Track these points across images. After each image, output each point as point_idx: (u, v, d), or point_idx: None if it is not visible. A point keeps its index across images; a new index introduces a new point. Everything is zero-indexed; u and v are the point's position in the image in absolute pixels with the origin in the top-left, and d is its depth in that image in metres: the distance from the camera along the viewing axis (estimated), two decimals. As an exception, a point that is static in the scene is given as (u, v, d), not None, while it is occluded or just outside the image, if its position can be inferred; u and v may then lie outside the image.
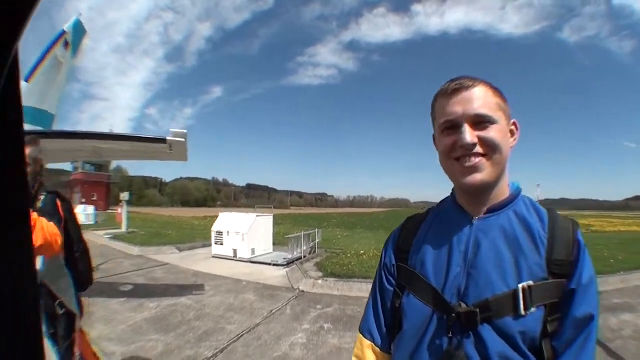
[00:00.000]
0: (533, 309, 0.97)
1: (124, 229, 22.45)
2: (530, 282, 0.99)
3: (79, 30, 8.74)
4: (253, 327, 6.01)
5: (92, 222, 29.48)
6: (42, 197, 2.43)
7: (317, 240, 14.75)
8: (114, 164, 71.03)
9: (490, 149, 1.05)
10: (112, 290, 8.37)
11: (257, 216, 14.12)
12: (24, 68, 7.06)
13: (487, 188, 1.10)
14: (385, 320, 1.30)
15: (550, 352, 1.00)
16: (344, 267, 10.16)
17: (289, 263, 11.88)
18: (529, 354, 0.98)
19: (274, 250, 14.43)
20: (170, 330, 5.83)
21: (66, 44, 8.17)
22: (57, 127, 8.72)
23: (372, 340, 1.30)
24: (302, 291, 8.55)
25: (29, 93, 7.08)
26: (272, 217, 15.63)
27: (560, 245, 1.04)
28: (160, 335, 5.64)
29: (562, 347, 1.00)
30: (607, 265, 10.51)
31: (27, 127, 6.99)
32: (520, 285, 0.98)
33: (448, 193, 1.27)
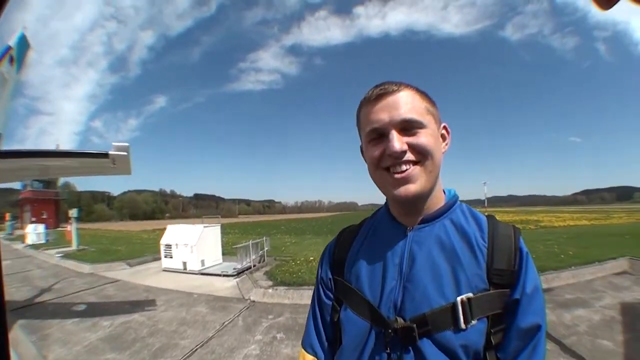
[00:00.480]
0: (474, 322, 0.95)
1: (74, 246, 21.77)
2: (470, 294, 0.96)
3: (23, 44, 8.43)
4: (206, 340, 6.12)
5: (43, 241, 28.26)
6: None
7: (266, 249, 14.81)
8: (62, 180, 67.99)
9: (422, 155, 1.00)
10: (65, 311, 8.23)
11: (205, 227, 14.06)
12: None
13: (421, 198, 1.05)
14: (326, 334, 1.26)
15: None
16: (294, 275, 10.36)
17: (239, 273, 11.95)
18: None
19: (223, 260, 14.42)
20: (125, 349, 5.85)
21: (11, 59, 7.86)
22: (5, 145, 8.48)
23: (315, 354, 1.26)
24: (253, 301, 8.69)
25: None
26: (219, 227, 15.58)
27: (500, 254, 1.01)
28: (115, 354, 5.66)
29: (509, 359, 0.98)
30: (558, 260, 10.72)
31: None
32: (459, 298, 0.96)
33: None
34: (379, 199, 1.27)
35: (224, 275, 11.97)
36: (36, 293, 10.41)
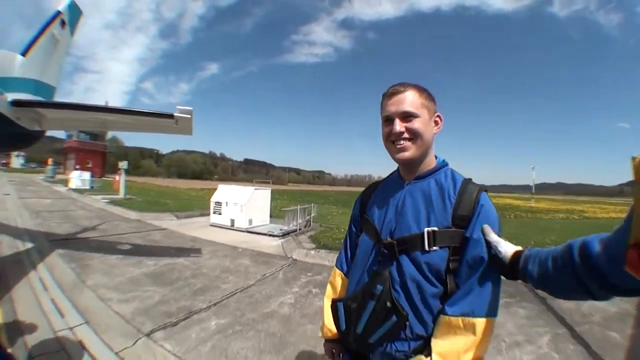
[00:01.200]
0: (436, 247, 1.40)
1: (121, 194, 22.84)
2: (435, 228, 1.42)
3: (75, 10, 9.18)
4: (246, 287, 6.42)
5: (87, 187, 30.09)
6: None
7: (313, 215, 15.16)
8: (110, 134, 71.31)
9: (414, 135, 1.50)
10: (110, 248, 8.80)
11: (255, 189, 14.49)
12: (21, 45, 7.60)
13: (413, 162, 1.56)
14: (351, 255, 1.87)
15: (453, 285, 1.39)
16: (336, 241, 10.54)
17: (285, 234, 12.32)
18: (434, 280, 1.41)
19: (270, 222, 14.80)
20: (167, 284, 6.25)
21: (62, 23, 8.62)
22: (57, 98, 9.26)
23: (342, 269, 1.91)
24: (295, 259, 8.97)
25: (27, 66, 7.49)
26: (269, 190, 15.98)
27: (463, 204, 1.43)
28: (157, 287, 6.06)
29: (460, 282, 1.38)
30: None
31: (30, 97, 7.49)
32: (426, 229, 1.43)
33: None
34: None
35: (270, 235, 12.34)
36: (78, 230, 11.16)
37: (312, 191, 76.02)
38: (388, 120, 1.55)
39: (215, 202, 14.19)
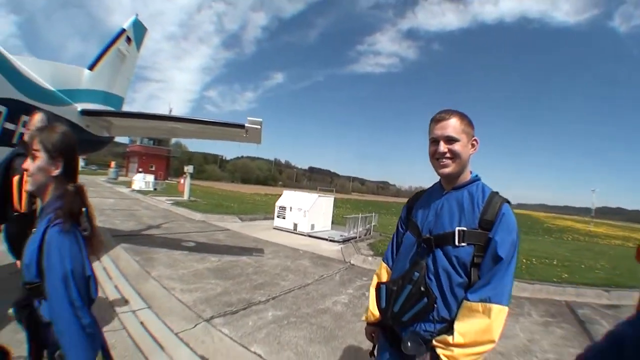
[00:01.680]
0: (464, 244, 1.69)
1: (185, 197, 23.81)
2: (464, 228, 1.71)
3: (140, 27, 10.29)
4: (304, 285, 6.75)
5: (151, 189, 31.74)
6: None
7: (373, 224, 15.32)
8: (174, 140, 74.46)
9: (454, 155, 1.79)
10: (174, 244, 9.43)
11: (319, 196, 14.91)
12: (87, 60, 8.74)
13: (452, 176, 1.84)
14: (396, 251, 2.16)
15: (476, 277, 1.67)
16: (395, 250, 10.56)
17: (344, 240, 12.59)
18: (461, 272, 1.69)
19: (332, 228, 15.14)
20: (229, 279, 6.71)
21: (128, 39, 9.75)
22: (124, 107, 10.66)
23: (387, 263, 2.19)
24: (353, 264, 9.23)
25: (95, 79, 8.49)
26: (332, 198, 16.40)
27: (489, 211, 1.71)
28: (219, 280, 6.54)
29: (481, 275, 1.66)
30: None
31: (98, 107, 8.35)
32: (457, 228, 1.72)
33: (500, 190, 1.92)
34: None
35: (330, 240, 12.67)
36: (142, 227, 11.95)
37: (376, 201, 75.58)
38: (434, 142, 1.84)
39: (280, 207, 14.71)
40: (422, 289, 1.72)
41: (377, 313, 1.99)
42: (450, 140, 1.78)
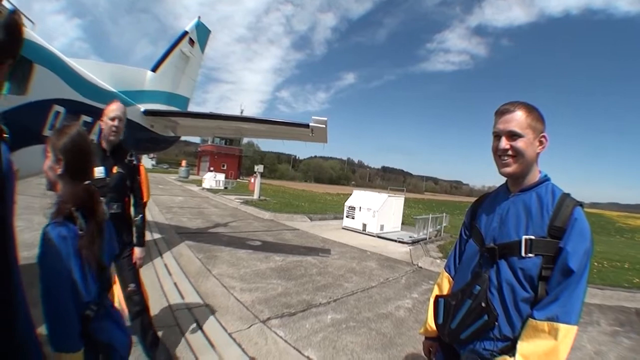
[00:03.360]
0: (531, 255, 1.53)
1: (255, 195, 24.18)
2: (532, 237, 1.54)
3: (203, 29, 10.64)
4: (368, 288, 6.60)
5: (221, 188, 32.56)
6: None
7: (444, 225, 14.85)
8: (245, 139, 76.37)
9: (517, 153, 1.63)
10: (239, 243, 9.60)
11: (389, 196, 14.61)
12: (151, 62, 9.22)
13: (515, 176, 1.70)
14: (459, 259, 2.01)
15: (543, 291, 1.50)
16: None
17: (414, 242, 12.26)
18: (527, 285, 1.53)
19: (402, 229, 14.79)
20: (291, 279, 6.70)
21: (191, 41, 10.08)
22: (190, 108, 11.07)
23: (449, 272, 2.05)
24: (420, 267, 8.93)
25: (158, 80, 8.86)
26: (403, 198, 16.06)
27: (560, 217, 1.53)
28: (281, 281, 6.55)
29: (549, 289, 1.49)
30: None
31: (162, 107, 8.65)
32: (523, 237, 1.56)
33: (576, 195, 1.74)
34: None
35: (399, 242, 12.38)
36: (209, 225, 12.23)
37: (449, 201, 73.29)
38: (497, 137, 1.70)
39: (349, 207, 14.62)
40: (483, 304, 1.59)
41: (434, 327, 1.88)
42: (513, 135, 1.63)
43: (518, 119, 1.62)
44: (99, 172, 3.07)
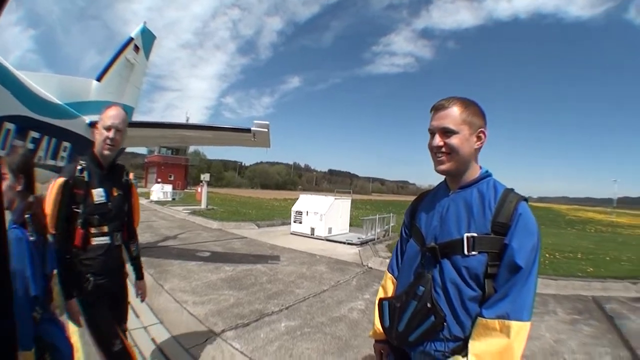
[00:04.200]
0: (475, 252, 1.47)
1: (203, 205, 23.84)
2: (475, 234, 1.49)
3: (148, 35, 10.27)
4: (319, 292, 6.59)
5: (169, 199, 31.79)
6: None
7: (392, 224, 15.15)
8: (191, 148, 75.24)
9: (451, 150, 1.58)
10: (189, 255, 9.37)
11: (336, 198, 14.77)
12: (96, 70, 8.83)
13: (451, 174, 1.67)
14: (401, 259, 1.94)
15: (491, 289, 1.46)
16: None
17: (362, 243, 12.44)
18: (472, 284, 1.48)
19: (350, 231, 14.96)
20: (242, 289, 6.59)
21: (136, 47, 9.70)
22: (136, 117, 10.61)
23: (392, 273, 1.98)
24: (370, 267, 9.03)
25: (103, 90, 8.49)
26: (350, 200, 16.27)
27: (503, 212, 1.49)
28: (233, 291, 6.42)
29: (497, 287, 1.45)
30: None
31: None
32: (465, 235, 1.50)
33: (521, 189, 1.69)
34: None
35: (348, 244, 12.53)
36: (159, 239, 11.89)
37: (396, 201, 74.87)
38: (432, 133, 1.65)
39: (296, 212, 14.61)
40: (429, 305, 1.52)
41: (382, 330, 1.78)
42: (447, 132, 1.58)
43: (452, 115, 1.58)
44: (98, 195, 2.54)
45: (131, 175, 2.92)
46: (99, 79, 8.45)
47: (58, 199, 2.40)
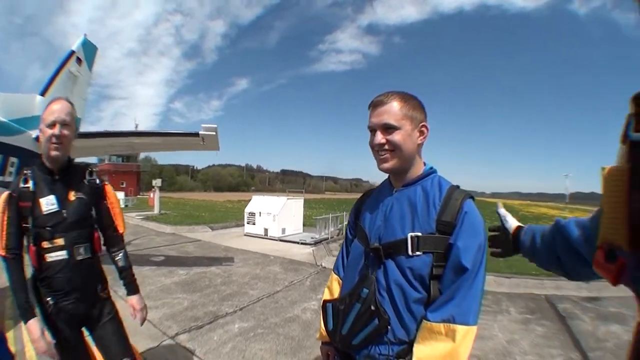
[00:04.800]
0: (419, 253, 1.42)
1: (156, 210, 23.37)
2: (419, 234, 1.44)
3: (90, 47, 10.15)
4: (273, 293, 6.65)
5: (122, 206, 30.73)
6: None
7: (345, 223, 15.29)
8: (142, 154, 73.60)
9: (394, 147, 1.52)
10: (143, 261, 9.17)
11: (288, 199, 14.83)
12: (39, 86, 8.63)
13: (395, 172, 1.61)
14: (347, 259, 1.89)
15: (436, 291, 1.42)
16: (366, 248, 10.58)
17: (316, 242, 12.54)
18: (417, 285, 1.44)
19: (303, 230, 15.01)
20: (196, 291, 6.58)
21: (79, 60, 9.57)
22: (84, 127, 10.42)
23: (338, 274, 1.93)
24: (324, 267, 9.14)
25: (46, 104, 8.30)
26: (302, 199, 16.34)
27: (448, 211, 1.44)
28: (187, 294, 6.40)
29: (443, 289, 1.40)
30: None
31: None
32: (409, 234, 1.45)
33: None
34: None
35: (302, 243, 12.60)
36: None
37: (350, 199, 75.34)
38: (372, 131, 1.58)
39: (249, 213, 14.55)
40: (372, 307, 1.46)
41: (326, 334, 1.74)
42: (389, 128, 1.52)
43: (393, 110, 1.52)
44: (48, 204, 2.18)
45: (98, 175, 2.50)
46: (42, 94, 8.28)
47: (3, 217, 2.12)
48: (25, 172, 2.26)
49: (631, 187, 0.76)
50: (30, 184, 2.19)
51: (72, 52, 9.32)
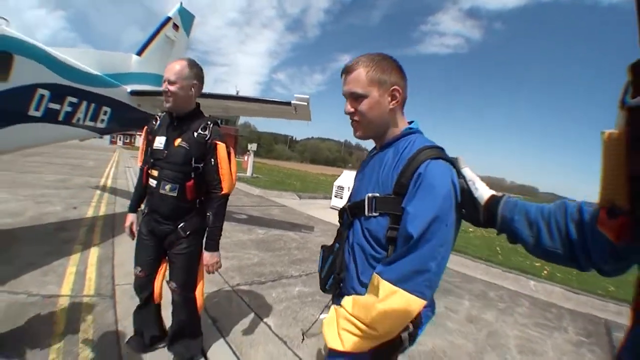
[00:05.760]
0: (375, 214, 1.42)
1: (248, 173, 24.26)
2: (376, 194, 1.43)
3: (186, 15, 11.00)
4: (344, 267, 6.60)
5: None
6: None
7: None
8: (242, 120, 76.48)
9: (362, 116, 1.50)
10: (226, 217, 9.51)
11: (379, 176, 14.53)
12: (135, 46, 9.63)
13: (369, 138, 1.62)
14: None
15: (392, 252, 1.37)
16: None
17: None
18: (375, 246, 1.42)
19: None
20: (269, 251, 6.79)
21: (175, 26, 10.49)
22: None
23: None
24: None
25: (144, 63, 9.26)
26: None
27: (407, 172, 1.34)
28: (259, 252, 6.63)
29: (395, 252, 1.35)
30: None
31: (150, 87, 8.94)
32: (367, 195, 1.46)
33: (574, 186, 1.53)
34: (562, 190, 1.26)
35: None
36: None
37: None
38: (346, 99, 1.57)
39: (338, 186, 14.56)
40: (338, 261, 1.59)
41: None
42: (356, 97, 1.49)
43: (359, 77, 1.47)
44: (158, 142, 2.68)
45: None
46: (139, 54, 9.18)
47: (143, 141, 2.89)
48: (159, 114, 2.90)
49: (629, 149, 0.79)
50: (157, 124, 2.81)
51: (169, 19, 10.20)
